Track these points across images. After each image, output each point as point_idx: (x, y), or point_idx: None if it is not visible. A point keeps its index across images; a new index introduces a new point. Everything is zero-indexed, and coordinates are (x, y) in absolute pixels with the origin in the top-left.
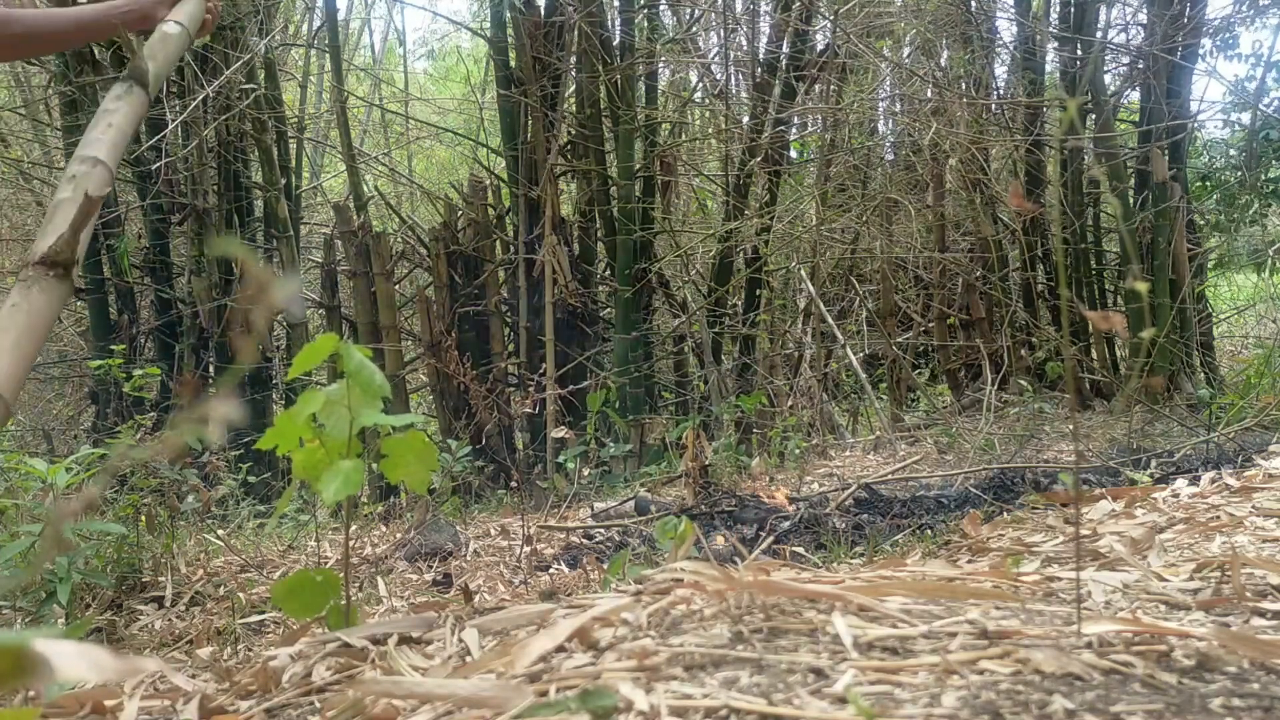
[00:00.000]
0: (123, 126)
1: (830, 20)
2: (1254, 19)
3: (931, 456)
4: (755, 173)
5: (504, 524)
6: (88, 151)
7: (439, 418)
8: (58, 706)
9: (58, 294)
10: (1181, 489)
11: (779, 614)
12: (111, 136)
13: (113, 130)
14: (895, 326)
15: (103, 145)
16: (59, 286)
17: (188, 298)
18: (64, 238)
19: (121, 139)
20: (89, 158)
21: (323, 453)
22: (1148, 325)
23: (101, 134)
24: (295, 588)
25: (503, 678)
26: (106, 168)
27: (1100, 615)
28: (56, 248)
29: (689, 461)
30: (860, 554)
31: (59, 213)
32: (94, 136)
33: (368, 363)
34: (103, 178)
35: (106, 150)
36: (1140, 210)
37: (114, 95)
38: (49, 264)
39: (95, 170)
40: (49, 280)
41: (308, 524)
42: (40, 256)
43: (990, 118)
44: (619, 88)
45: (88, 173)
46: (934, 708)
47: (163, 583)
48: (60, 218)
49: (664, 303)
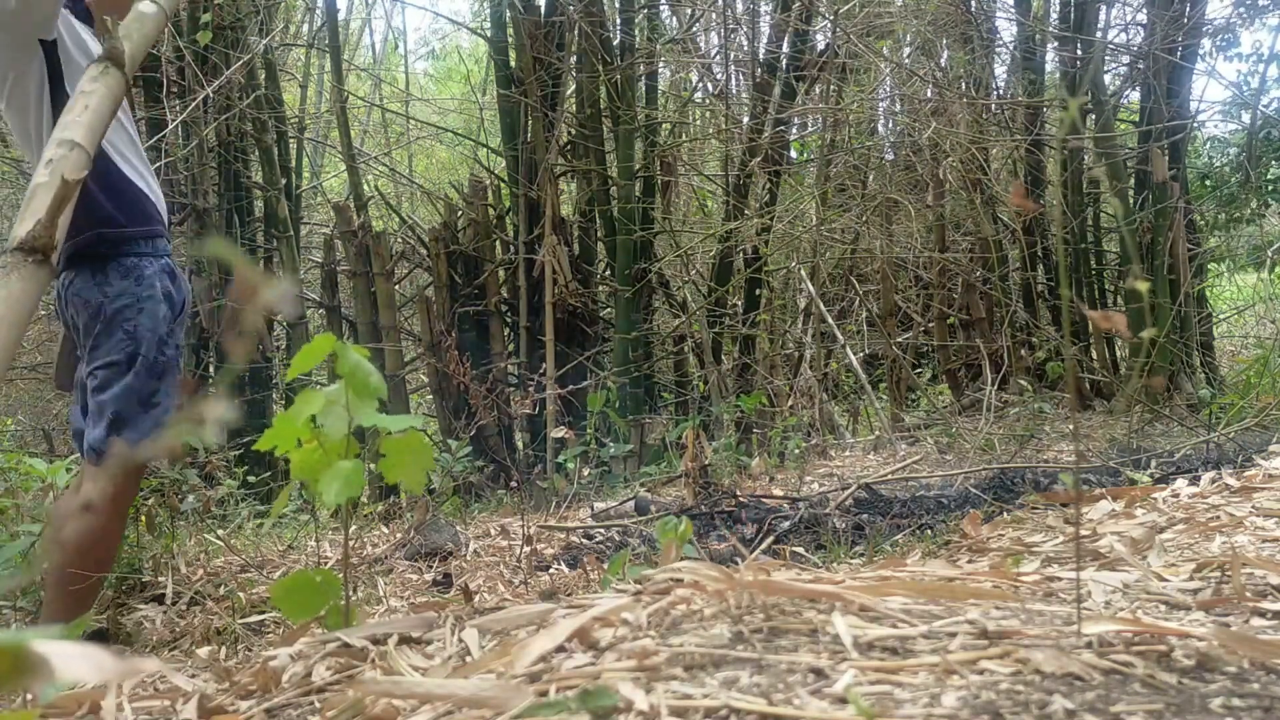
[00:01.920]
0: (100, 108)
1: (830, 20)
2: (1253, 20)
3: (931, 456)
4: (755, 173)
5: (504, 524)
6: (64, 134)
7: (439, 418)
8: (56, 707)
9: (37, 280)
10: (1181, 489)
11: (779, 614)
12: (88, 119)
13: (89, 112)
14: (895, 326)
15: (79, 127)
16: (38, 272)
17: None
18: (41, 222)
19: (99, 121)
20: (66, 140)
21: (321, 453)
22: (1148, 325)
23: (78, 116)
24: (295, 588)
25: (503, 678)
26: (83, 150)
27: (1100, 615)
28: (35, 233)
29: (689, 461)
30: (860, 554)
31: (36, 197)
32: (70, 119)
33: (364, 363)
34: (79, 161)
35: (83, 133)
36: (1140, 210)
37: (90, 76)
38: (27, 250)
39: (72, 154)
40: (28, 266)
41: (307, 524)
42: (19, 242)
43: (990, 118)
44: (619, 88)
45: (64, 156)
46: (934, 708)
47: (163, 583)
48: (38, 202)
49: (664, 303)
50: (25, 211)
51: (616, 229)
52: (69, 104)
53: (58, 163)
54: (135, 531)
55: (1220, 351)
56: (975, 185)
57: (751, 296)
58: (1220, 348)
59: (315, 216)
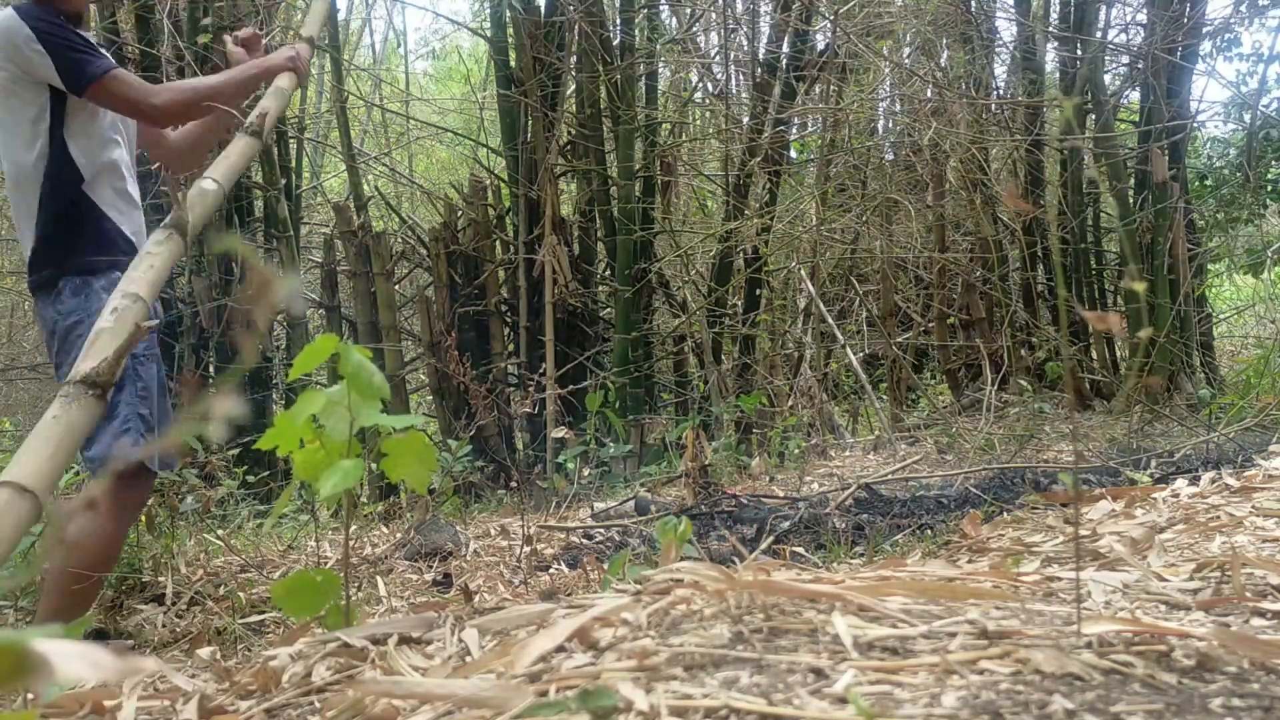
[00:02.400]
0: (161, 268)
1: (830, 20)
2: (1252, 20)
3: (931, 456)
4: (755, 173)
5: (504, 524)
6: (130, 288)
7: (439, 418)
8: (57, 707)
9: (93, 412)
10: (1181, 489)
11: (779, 614)
12: (151, 277)
13: (153, 271)
14: (895, 326)
15: (144, 284)
16: (95, 405)
17: (188, 298)
18: (107, 362)
19: (159, 279)
20: (131, 293)
21: (323, 453)
22: (1146, 325)
23: (143, 274)
24: (295, 588)
25: (503, 678)
26: (145, 303)
27: (1100, 615)
28: (99, 370)
29: (689, 461)
30: (860, 554)
31: (101, 339)
32: (137, 275)
33: (367, 363)
34: (143, 312)
35: (146, 289)
36: (1140, 210)
37: (155, 240)
38: (90, 384)
39: (136, 305)
40: (88, 399)
41: (307, 524)
42: (83, 376)
43: (990, 118)
44: (619, 88)
45: (129, 307)
46: (934, 708)
47: (163, 583)
48: (103, 343)
49: (664, 303)
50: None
51: (616, 229)
52: (136, 261)
53: (123, 312)
54: (135, 531)
55: (1220, 351)
56: (975, 185)
57: (751, 296)
58: (1220, 348)
59: (315, 216)
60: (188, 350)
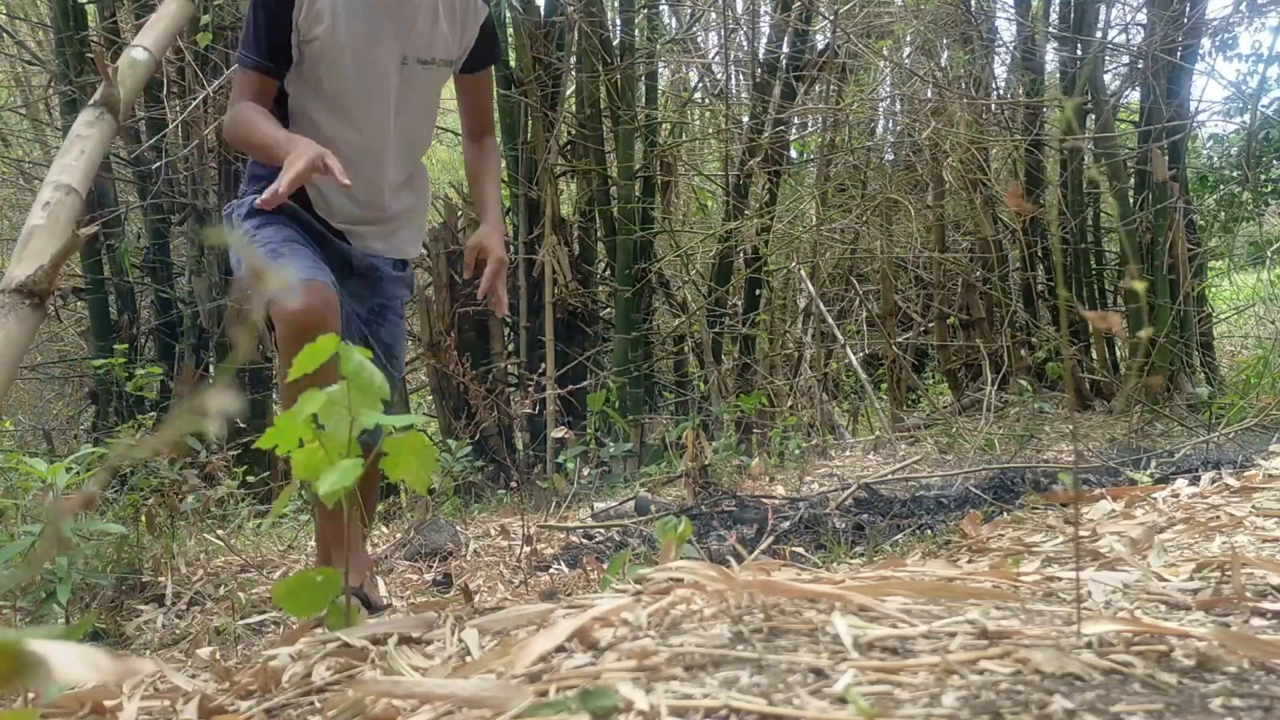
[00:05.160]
0: (94, 153)
1: (830, 20)
2: (1251, 20)
3: (931, 456)
4: (755, 173)
5: (504, 524)
6: (62, 178)
7: (439, 418)
8: (58, 707)
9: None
10: (1181, 489)
11: (779, 614)
12: (84, 164)
13: (85, 157)
14: (895, 326)
15: (76, 172)
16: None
17: (188, 298)
18: (44, 269)
19: (92, 166)
20: (63, 185)
21: (323, 453)
22: (1147, 325)
23: (75, 160)
24: (296, 587)
25: (503, 678)
26: (79, 195)
27: (1100, 615)
28: (35, 278)
29: (689, 461)
30: (860, 554)
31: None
32: (67, 163)
33: (367, 364)
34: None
35: (79, 178)
36: (1140, 210)
37: (85, 121)
38: (25, 292)
39: (69, 198)
40: (24, 309)
41: (308, 524)
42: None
43: (990, 118)
44: (619, 88)
45: (61, 200)
46: (934, 708)
47: (163, 583)
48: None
49: (664, 303)
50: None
51: (616, 229)
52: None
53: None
54: (135, 531)
55: (1220, 351)
56: (975, 185)
57: (751, 296)
58: (1220, 348)
59: None
60: (188, 350)
